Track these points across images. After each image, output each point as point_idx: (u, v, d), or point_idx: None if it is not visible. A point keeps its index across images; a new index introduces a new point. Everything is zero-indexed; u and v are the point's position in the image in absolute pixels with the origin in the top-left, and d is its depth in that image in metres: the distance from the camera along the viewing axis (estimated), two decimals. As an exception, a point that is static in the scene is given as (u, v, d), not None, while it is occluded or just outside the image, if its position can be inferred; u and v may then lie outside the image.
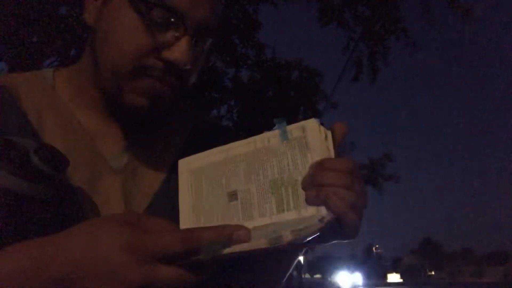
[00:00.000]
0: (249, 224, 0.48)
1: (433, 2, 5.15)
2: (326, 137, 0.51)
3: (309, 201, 0.47)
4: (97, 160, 0.61)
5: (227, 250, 0.43)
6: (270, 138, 0.53)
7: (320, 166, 0.48)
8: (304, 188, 0.49)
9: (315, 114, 7.14)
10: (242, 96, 6.45)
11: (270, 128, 0.55)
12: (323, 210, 0.47)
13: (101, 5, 0.60)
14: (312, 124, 0.51)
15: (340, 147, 0.53)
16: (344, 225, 0.47)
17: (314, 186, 0.47)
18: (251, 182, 0.53)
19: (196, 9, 0.57)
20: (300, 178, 0.50)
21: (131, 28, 0.56)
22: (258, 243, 0.43)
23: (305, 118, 0.55)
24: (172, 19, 0.56)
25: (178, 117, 0.72)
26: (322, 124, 0.52)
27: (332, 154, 0.50)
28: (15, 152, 0.48)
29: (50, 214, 0.50)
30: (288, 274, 0.69)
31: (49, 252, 0.43)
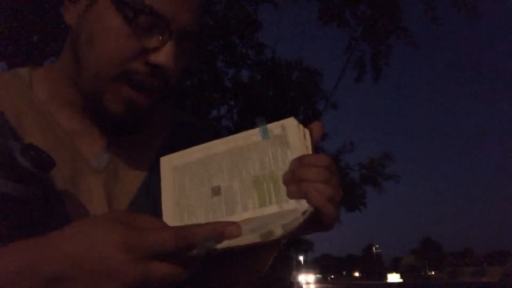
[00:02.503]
0: (233, 219, 0.50)
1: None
2: (304, 135, 0.53)
3: (291, 195, 0.50)
4: (78, 160, 0.61)
5: (219, 246, 0.44)
6: (251, 136, 0.55)
7: (300, 162, 0.51)
8: (285, 183, 0.51)
9: (315, 114, 7.13)
10: (242, 96, 6.44)
11: None
12: (304, 203, 0.49)
13: (84, 7, 0.59)
14: (291, 122, 0.54)
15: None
16: (323, 216, 0.49)
17: (295, 181, 0.50)
18: (234, 178, 0.54)
19: (180, 15, 0.58)
20: (280, 174, 0.52)
21: (117, 33, 0.56)
22: (248, 237, 0.45)
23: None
24: (158, 25, 0.57)
25: (158, 117, 0.72)
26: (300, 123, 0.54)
27: (310, 151, 0.53)
28: (1, 153, 0.47)
29: (37, 214, 0.50)
30: (266, 269, 0.70)
31: (42, 252, 0.42)
